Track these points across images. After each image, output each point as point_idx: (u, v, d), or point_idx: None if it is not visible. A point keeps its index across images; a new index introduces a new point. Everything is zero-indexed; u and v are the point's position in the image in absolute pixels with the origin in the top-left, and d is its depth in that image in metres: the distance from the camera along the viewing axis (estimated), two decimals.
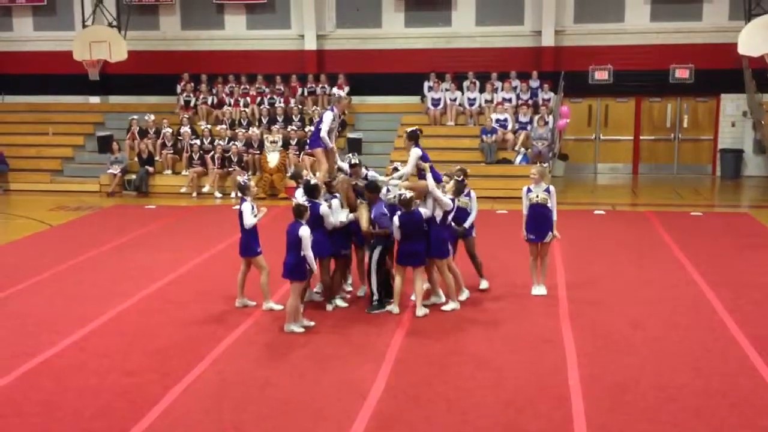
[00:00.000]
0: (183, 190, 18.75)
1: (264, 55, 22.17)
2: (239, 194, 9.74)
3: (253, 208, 9.33)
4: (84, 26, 22.09)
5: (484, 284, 10.21)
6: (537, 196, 9.70)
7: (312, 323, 8.82)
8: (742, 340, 8.26)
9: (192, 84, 21.81)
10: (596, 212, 15.96)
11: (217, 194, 18.42)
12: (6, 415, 6.70)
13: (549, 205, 9.70)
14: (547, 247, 9.92)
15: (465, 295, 9.72)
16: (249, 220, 9.23)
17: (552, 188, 9.82)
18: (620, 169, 21.99)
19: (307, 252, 8.52)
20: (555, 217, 9.76)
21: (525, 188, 9.84)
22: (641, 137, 21.88)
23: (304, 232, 8.52)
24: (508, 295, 10.02)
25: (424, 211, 9.07)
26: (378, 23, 22.09)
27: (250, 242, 9.33)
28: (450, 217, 9.35)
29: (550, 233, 9.75)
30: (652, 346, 8.15)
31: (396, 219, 9.06)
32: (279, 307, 9.37)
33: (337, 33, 22.29)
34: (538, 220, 9.71)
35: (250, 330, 8.79)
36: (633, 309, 9.41)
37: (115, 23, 22.15)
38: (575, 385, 7.14)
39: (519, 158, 18.70)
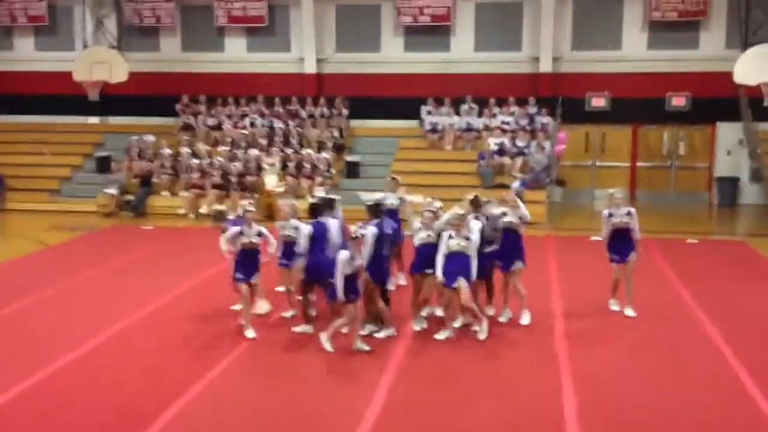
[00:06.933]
0: (181, 211, 18.76)
1: (264, 78, 22.25)
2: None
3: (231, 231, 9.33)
4: (85, 47, 22.21)
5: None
6: (620, 220, 10.03)
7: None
8: (740, 371, 8.25)
9: (191, 106, 21.89)
10: (593, 238, 15.92)
11: None
12: None
13: (631, 227, 10.04)
14: (631, 267, 10.17)
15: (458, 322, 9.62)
16: (223, 247, 9.45)
17: (633, 210, 10.16)
18: None
19: (337, 279, 8.41)
20: (638, 236, 10.10)
21: (606, 212, 10.15)
22: (638, 164, 21.97)
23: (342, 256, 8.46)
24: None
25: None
26: (377, 47, 22.22)
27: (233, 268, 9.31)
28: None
29: (633, 253, 10.07)
30: (650, 375, 8.14)
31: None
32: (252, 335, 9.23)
33: (336, 57, 22.40)
34: (621, 242, 10.07)
35: (246, 352, 8.77)
36: (631, 337, 9.40)
37: (115, 44, 22.28)
38: (571, 411, 7.13)
39: (517, 183, 18.73)
